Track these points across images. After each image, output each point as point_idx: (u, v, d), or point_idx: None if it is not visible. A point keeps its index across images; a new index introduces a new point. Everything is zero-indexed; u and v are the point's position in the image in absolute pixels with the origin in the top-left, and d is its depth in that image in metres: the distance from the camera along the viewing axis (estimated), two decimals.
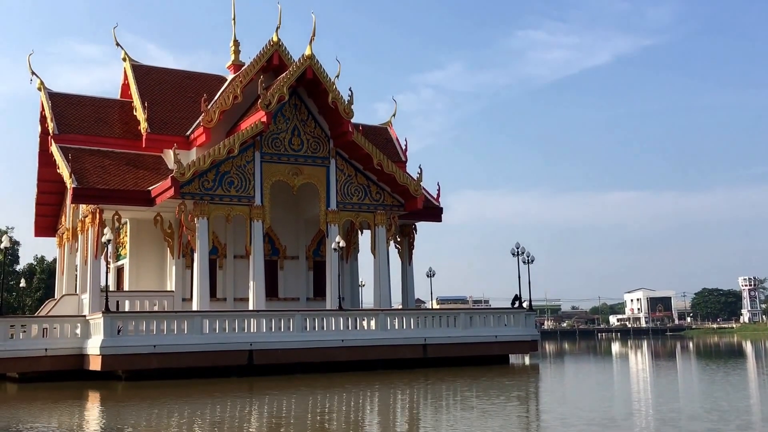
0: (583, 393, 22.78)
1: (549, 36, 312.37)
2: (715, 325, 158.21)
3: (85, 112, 37.80)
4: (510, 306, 38.11)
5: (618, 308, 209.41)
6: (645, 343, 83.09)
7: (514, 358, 38.80)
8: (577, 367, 38.14)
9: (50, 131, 36.65)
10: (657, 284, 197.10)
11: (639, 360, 45.12)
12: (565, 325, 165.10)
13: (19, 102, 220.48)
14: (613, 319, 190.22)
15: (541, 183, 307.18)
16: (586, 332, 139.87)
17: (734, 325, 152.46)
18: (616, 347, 71.74)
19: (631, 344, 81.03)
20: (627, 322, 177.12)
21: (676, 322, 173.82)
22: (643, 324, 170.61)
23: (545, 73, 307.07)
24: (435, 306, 59.29)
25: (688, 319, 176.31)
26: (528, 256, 38.16)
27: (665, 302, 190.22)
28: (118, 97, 41.44)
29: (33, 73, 38.08)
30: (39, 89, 38.23)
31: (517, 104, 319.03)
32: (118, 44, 39.76)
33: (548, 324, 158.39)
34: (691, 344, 76.25)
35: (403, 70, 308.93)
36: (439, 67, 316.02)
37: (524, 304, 37.72)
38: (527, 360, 40.83)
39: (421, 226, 41.51)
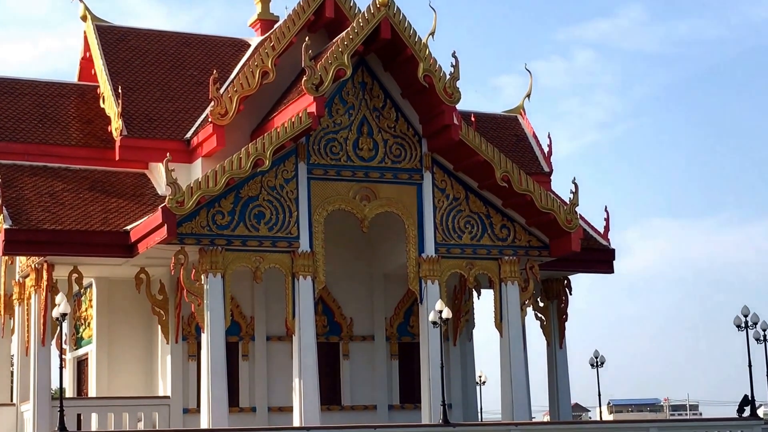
0: None
1: None
2: None
3: (23, 106, 28.75)
4: (737, 414, 28.54)
5: None
6: None
7: None
8: None
9: None
10: None
11: None
12: None
13: None
14: None
15: None
16: None
17: None
18: None
19: None
20: None
21: None
22: None
23: None
24: (607, 416, 49.04)
25: None
26: (764, 329, 27.73)
27: None
28: (75, 80, 32.54)
29: None
30: None
31: (736, 74, 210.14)
32: None
33: None
34: None
35: (545, 21, 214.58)
36: (606, 13, 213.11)
37: (759, 411, 29.69)
38: None
39: (578, 280, 31.09)
